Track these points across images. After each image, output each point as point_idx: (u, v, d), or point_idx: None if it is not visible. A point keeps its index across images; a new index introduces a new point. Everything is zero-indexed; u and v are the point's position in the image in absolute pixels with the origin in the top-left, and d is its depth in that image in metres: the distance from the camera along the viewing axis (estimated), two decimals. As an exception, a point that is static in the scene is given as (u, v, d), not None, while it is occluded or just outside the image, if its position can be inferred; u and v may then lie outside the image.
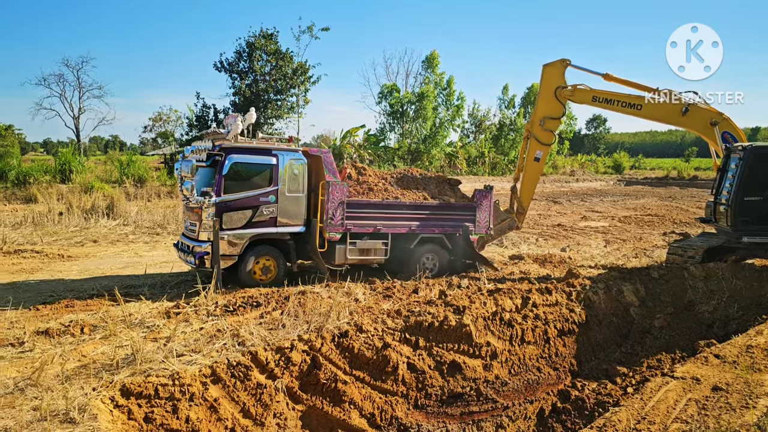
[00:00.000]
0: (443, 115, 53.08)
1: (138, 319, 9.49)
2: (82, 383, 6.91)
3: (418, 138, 51.23)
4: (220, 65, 42.67)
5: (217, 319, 9.57)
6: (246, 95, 41.62)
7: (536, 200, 36.12)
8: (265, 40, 42.09)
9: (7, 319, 9.47)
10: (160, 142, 66.89)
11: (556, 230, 22.42)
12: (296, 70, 43.27)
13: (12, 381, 6.91)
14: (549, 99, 14.47)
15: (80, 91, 58.20)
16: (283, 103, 43.99)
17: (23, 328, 8.98)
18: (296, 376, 8.05)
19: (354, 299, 10.66)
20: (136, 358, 7.53)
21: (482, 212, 14.15)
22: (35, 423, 5.82)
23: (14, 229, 19.54)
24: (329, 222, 12.68)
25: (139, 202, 27.73)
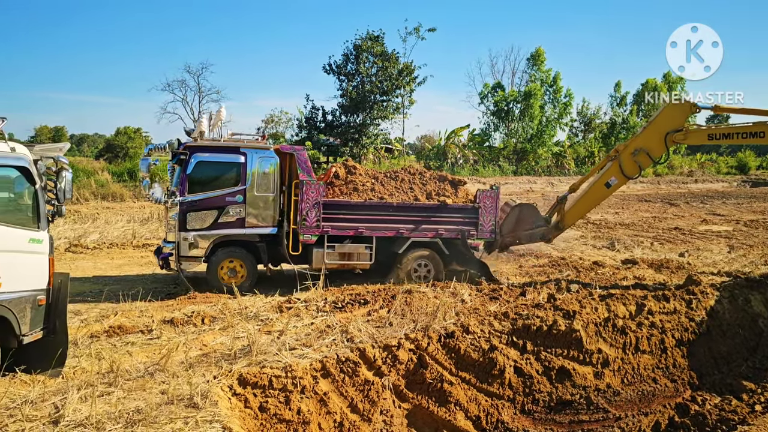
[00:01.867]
0: (550, 113, 51.62)
1: (253, 312, 9.97)
2: (203, 371, 7.35)
3: (523, 137, 50.16)
4: (329, 68, 43.83)
5: (326, 315, 9.87)
6: (352, 96, 42.53)
7: (650, 201, 34.37)
8: (372, 42, 42.78)
9: (137, 308, 10.25)
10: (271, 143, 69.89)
11: (673, 234, 21.20)
12: (402, 71, 43.64)
13: (143, 365, 7.48)
14: (656, 138, 12.90)
15: (200, 95, 61.69)
16: (388, 104, 44.53)
17: (151, 317, 9.69)
18: (403, 375, 8.15)
19: (460, 300, 10.64)
20: (251, 350, 7.91)
21: (486, 215, 12.91)
22: (163, 406, 6.26)
23: (142, 224, 21.11)
24: (303, 224, 12.10)
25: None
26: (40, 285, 7.06)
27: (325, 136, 45.48)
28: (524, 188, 41.70)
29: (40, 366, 7.09)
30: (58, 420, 5.83)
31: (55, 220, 7.47)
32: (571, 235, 19.88)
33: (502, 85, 53.07)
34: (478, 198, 13.07)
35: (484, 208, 12.95)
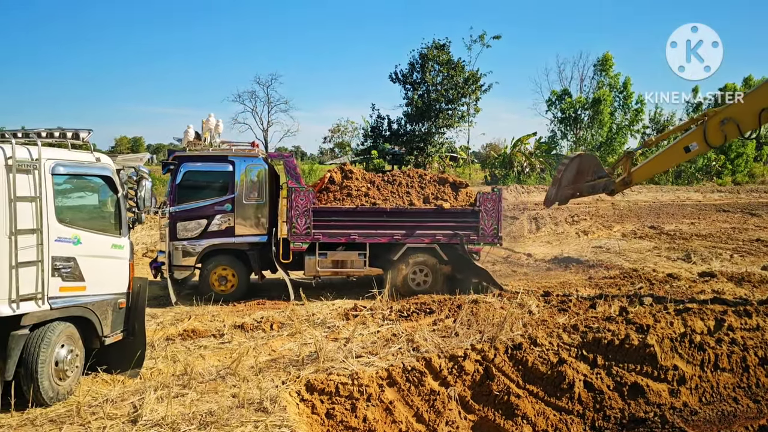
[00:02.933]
0: (621, 120, 50.15)
1: (320, 319, 10.12)
2: (272, 375, 7.51)
3: (592, 145, 48.90)
4: (395, 77, 44.13)
5: (392, 323, 9.91)
6: (418, 105, 42.63)
7: (729, 211, 32.78)
8: (438, 50, 42.80)
9: (209, 312, 10.60)
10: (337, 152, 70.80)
11: (755, 246, 20.14)
12: (467, 79, 43.44)
13: (215, 369, 7.71)
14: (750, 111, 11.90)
15: (269, 106, 63.39)
16: (454, 112, 44.40)
17: (223, 322, 9.99)
18: (469, 386, 8.07)
19: (527, 311, 10.45)
20: (319, 356, 8.02)
21: (487, 218, 12.36)
22: (234, 409, 6.44)
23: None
24: (293, 231, 11.94)
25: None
26: (121, 289, 7.43)
27: (390, 145, 45.74)
28: (593, 197, 40.57)
29: (119, 366, 7.43)
30: (136, 419, 6.09)
31: (135, 227, 7.81)
32: (643, 246, 19.23)
33: (570, 92, 51.96)
34: (478, 201, 12.58)
35: (485, 212, 12.45)
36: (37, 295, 6.35)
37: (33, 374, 6.30)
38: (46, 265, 6.43)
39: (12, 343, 6.17)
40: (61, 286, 6.63)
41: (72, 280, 6.75)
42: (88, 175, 7.16)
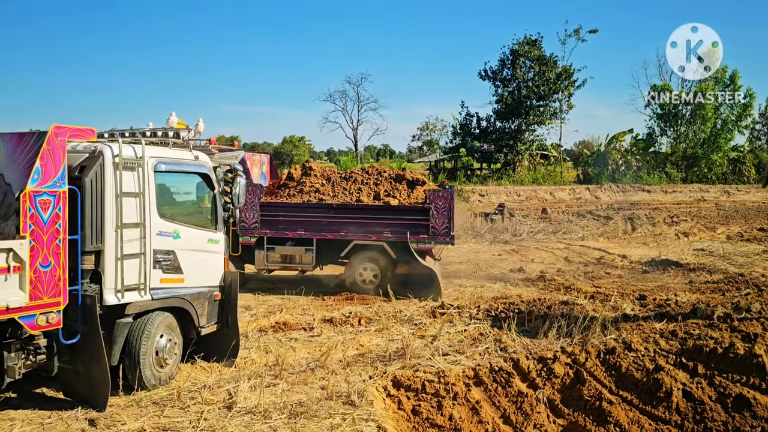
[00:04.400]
0: (727, 115, 47.15)
1: (407, 316, 10.18)
2: (360, 370, 7.63)
3: (694, 142, 46.27)
4: (484, 74, 43.63)
5: (479, 322, 9.82)
6: (508, 102, 41.93)
7: None
8: (529, 46, 41.92)
9: (300, 305, 10.90)
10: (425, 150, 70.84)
11: None
12: (560, 74, 42.30)
13: (305, 361, 7.93)
14: None
15: (359, 104, 64.36)
16: (545, 109, 43.37)
17: (312, 316, 10.25)
18: (558, 389, 7.86)
19: (621, 314, 10.06)
20: (405, 353, 8.07)
21: (438, 217, 11.86)
22: (323, 401, 6.60)
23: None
24: (242, 225, 11.79)
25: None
26: (216, 282, 7.75)
27: (479, 143, 45.24)
28: (695, 197, 38.49)
29: (216, 356, 7.78)
30: (231, 406, 6.36)
31: (230, 223, 8.14)
32: (751, 249, 18.04)
33: (670, 86, 49.39)
34: (428, 199, 12.14)
35: (436, 210, 11.96)
36: (140, 286, 6.69)
37: (135, 360, 6.69)
38: (148, 257, 6.76)
39: (117, 330, 6.53)
40: (162, 278, 6.96)
41: (171, 272, 7.08)
42: (187, 172, 7.48)
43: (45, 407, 6.29)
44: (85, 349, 6.18)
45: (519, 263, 16.32)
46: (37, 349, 5.96)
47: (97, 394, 6.21)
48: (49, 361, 6.10)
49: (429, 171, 49.12)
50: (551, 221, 26.70)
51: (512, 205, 30.99)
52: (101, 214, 6.35)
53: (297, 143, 62.99)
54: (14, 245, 5.48)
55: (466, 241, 21.13)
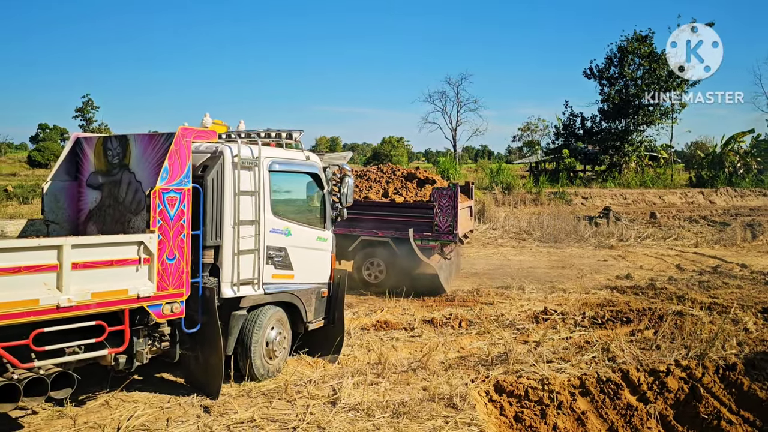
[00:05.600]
0: None
1: (509, 320, 10.01)
2: (461, 373, 7.57)
3: (828, 143, 42.47)
4: (590, 72, 42.13)
5: (584, 330, 9.49)
6: (615, 102, 40.26)
7: None
8: (639, 43, 40.07)
9: (401, 305, 10.97)
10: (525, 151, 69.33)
11: None
12: (672, 72, 40.08)
13: (406, 361, 7.97)
14: None
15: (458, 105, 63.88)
16: (655, 108, 41.24)
17: (413, 316, 10.29)
18: (671, 404, 7.45)
19: (743, 329, 9.39)
20: (508, 358, 7.92)
21: (441, 215, 11.80)
22: (425, 402, 6.59)
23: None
24: None
25: (506, 208, 29.18)
26: (323, 279, 7.95)
27: (583, 144, 43.77)
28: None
29: (320, 351, 7.98)
30: (335, 402, 6.49)
31: (338, 221, 8.31)
32: None
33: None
34: (433, 197, 12.12)
35: (440, 208, 11.94)
36: (254, 281, 6.95)
37: (248, 351, 6.94)
38: (262, 253, 7.01)
39: (233, 322, 6.83)
40: (274, 274, 7.19)
41: (283, 268, 7.30)
42: (299, 172, 7.69)
43: (164, 392, 6.70)
44: (204, 338, 6.50)
45: (626, 269, 15.62)
46: (161, 337, 6.28)
47: (212, 382, 6.53)
48: (172, 348, 6.43)
49: (529, 172, 48.04)
50: (661, 226, 25.39)
51: (618, 209, 29.72)
52: (221, 212, 6.65)
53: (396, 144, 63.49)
54: (145, 238, 5.84)
55: (569, 245, 20.51)
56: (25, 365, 5.20)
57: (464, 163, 75.36)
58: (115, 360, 5.93)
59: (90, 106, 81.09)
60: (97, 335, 5.67)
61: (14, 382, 5.08)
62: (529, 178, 42.22)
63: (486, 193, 32.60)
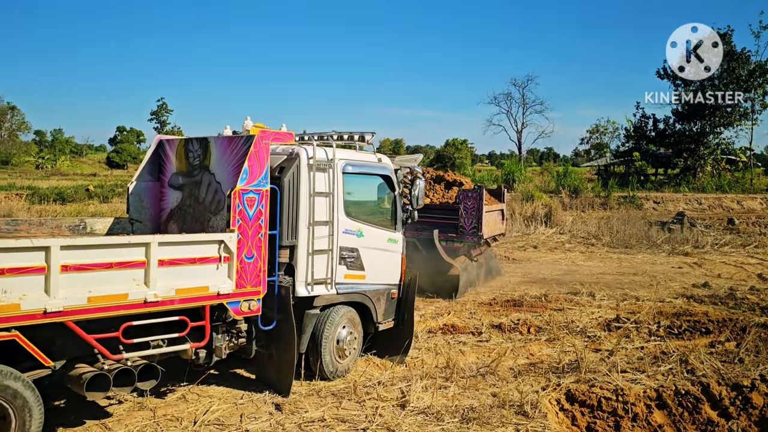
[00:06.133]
0: None
1: (579, 328, 9.75)
2: (531, 380, 7.43)
3: None
4: (663, 72, 40.64)
5: (659, 340, 9.16)
6: (690, 103, 38.67)
7: None
8: (717, 41, 38.35)
9: (467, 309, 10.88)
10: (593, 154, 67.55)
11: None
12: (753, 71, 38.22)
13: (474, 366, 7.88)
14: None
15: (524, 107, 63.02)
16: (734, 109, 39.39)
17: (480, 320, 10.18)
18: (755, 421, 7.06)
19: (835, 344, 8.83)
20: (580, 366, 7.72)
21: (466, 216, 11.98)
22: (495, 408, 6.50)
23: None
24: None
25: (574, 212, 28.51)
26: (394, 280, 7.99)
27: (655, 147, 42.31)
28: None
29: (387, 352, 8.01)
30: (404, 404, 6.49)
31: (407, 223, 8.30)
32: None
33: None
34: (458, 198, 12.30)
35: (465, 210, 12.15)
36: (327, 281, 7.08)
37: (319, 349, 7.05)
38: (335, 254, 7.13)
39: (306, 320, 6.95)
40: (346, 274, 7.29)
41: (354, 269, 7.39)
42: (371, 173, 7.76)
43: (237, 388, 6.87)
44: (279, 335, 6.66)
45: (703, 278, 14.98)
46: (238, 333, 6.48)
47: (284, 379, 6.67)
48: (248, 345, 6.62)
49: (597, 176, 46.79)
50: (740, 233, 24.24)
51: (692, 214, 28.53)
52: (296, 212, 6.80)
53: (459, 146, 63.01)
54: (225, 237, 6.02)
55: (641, 251, 19.87)
56: (114, 357, 5.46)
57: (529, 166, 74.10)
58: (195, 354, 6.14)
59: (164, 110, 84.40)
60: (179, 330, 5.89)
61: (105, 372, 5.33)
62: (597, 181, 41.10)
63: (552, 196, 31.95)
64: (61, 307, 5.00)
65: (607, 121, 61.14)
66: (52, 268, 4.95)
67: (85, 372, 5.30)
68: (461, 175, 15.44)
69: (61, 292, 5.01)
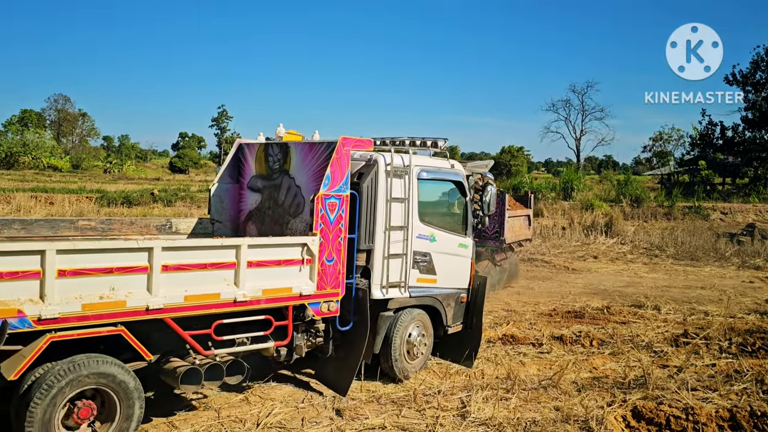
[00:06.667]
0: None
1: (645, 342, 9.44)
2: (595, 395, 7.21)
3: None
4: (732, 78, 39.11)
5: (732, 357, 8.77)
6: (762, 110, 37.09)
7: None
8: (792, 45, 36.68)
9: (527, 320, 10.69)
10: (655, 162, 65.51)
11: None
12: (831, 76, 36.39)
13: (536, 378, 7.72)
14: None
15: (583, 114, 61.75)
16: (809, 116, 37.59)
17: (540, 331, 9.98)
18: (838, 447, 6.67)
19: None
20: (646, 382, 7.45)
21: (488, 221, 10.15)
22: (558, 423, 6.33)
23: (525, 239, 21.95)
24: None
25: (636, 222, 27.71)
26: (463, 285, 8.09)
27: (722, 155, 40.74)
28: None
29: (453, 356, 8.12)
30: (465, 415, 6.40)
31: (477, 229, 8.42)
32: None
33: None
34: None
35: None
36: (401, 284, 7.25)
37: (390, 351, 7.23)
38: (409, 258, 7.30)
39: (380, 322, 7.16)
40: (419, 278, 7.45)
41: (426, 272, 7.55)
42: (444, 179, 7.91)
43: (299, 390, 6.94)
44: (354, 336, 6.84)
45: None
46: (316, 333, 6.72)
47: (344, 379, 6.80)
48: (325, 344, 6.84)
49: (660, 185, 45.34)
50: (815, 246, 22.96)
51: (764, 226, 27.23)
52: (374, 217, 7.01)
53: (515, 153, 62.27)
54: (308, 240, 6.27)
55: (708, 263, 19.12)
56: (206, 352, 5.77)
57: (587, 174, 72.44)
58: (276, 352, 6.42)
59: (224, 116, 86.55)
60: (264, 328, 6.18)
61: (197, 366, 5.65)
62: (660, 190, 39.79)
63: (613, 205, 31.14)
64: (161, 304, 5.32)
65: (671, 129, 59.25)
66: (154, 268, 5.27)
67: (179, 366, 5.62)
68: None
69: (162, 291, 5.33)
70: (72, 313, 4.89)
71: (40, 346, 4.71)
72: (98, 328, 5.05)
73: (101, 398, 5.15)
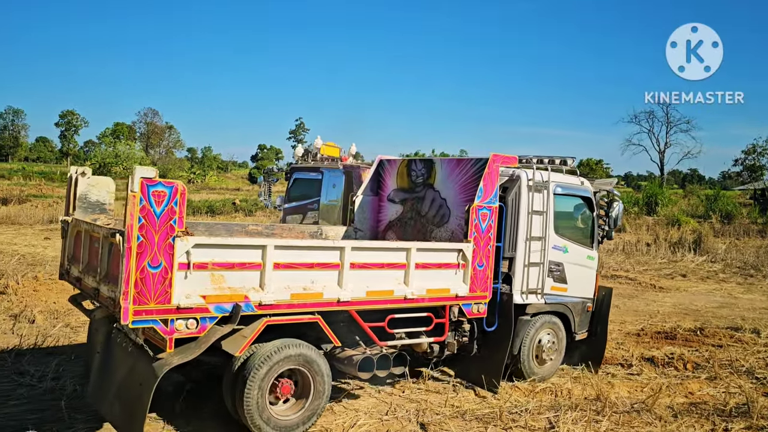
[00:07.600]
0: None
1: (744, 367, 8.88)
2: (693, 422, 6.81)
3: None
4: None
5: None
6: None
7: None
8: None
9: (614, 339, 10.26)
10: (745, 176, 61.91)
11: None
12: None
13: (627, 400, 7.37)
14: None
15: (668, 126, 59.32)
16: None
17: (629, 351, 9.57)
18: None
19: None
20: (750, 411, 6.99)
21: None
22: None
23: (608, 255, 21.16)
24: None
25: (727, 239, 26.25)
26: (589, 294, 8.62)
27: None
28: None
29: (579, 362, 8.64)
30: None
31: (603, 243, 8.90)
32: None
33: None
34: None
35: None
36: (537, 291, 7.82)
37: (525, 353, 7.78)
38: (545, 267, 7.86)
39: (519, 325, 7.72)
40: (552, 286, 8.01)
41: (559, 281, 8.10)
42: (575, 195, 8.43)
43: (382, 403, 6.91)
44: (497, 337, 7.44)
45: None
46: (463, 332, 7.32)
47: (493, 377, 7.36)
48: (470, 344, 7.45)
49: (753, 200, 42.90)
50: None
51: None
52: (516, 228, 7.65)
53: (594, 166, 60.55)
54: (464, 247, 6.84)
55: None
56: (382, 343, 6.46)
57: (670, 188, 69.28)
58: (430, 348, 7.08)
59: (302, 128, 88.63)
60: (425, 325, 6.81)
61: (371, 356, 6.25)
62: (753, 206, 37.65)
63: (701, 222, 29.72)
64: (349, 297, 5.99)
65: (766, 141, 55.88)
66: (345, 265, 5.96)
67: (355, 354, 6.29)
68: None
69: (350, 285, 6.01)
70: (283, 300, 5.62)
71: (259, 328, 5.47)
72: (301, 316, 5.77)
73: (295, 377, 5.85)
